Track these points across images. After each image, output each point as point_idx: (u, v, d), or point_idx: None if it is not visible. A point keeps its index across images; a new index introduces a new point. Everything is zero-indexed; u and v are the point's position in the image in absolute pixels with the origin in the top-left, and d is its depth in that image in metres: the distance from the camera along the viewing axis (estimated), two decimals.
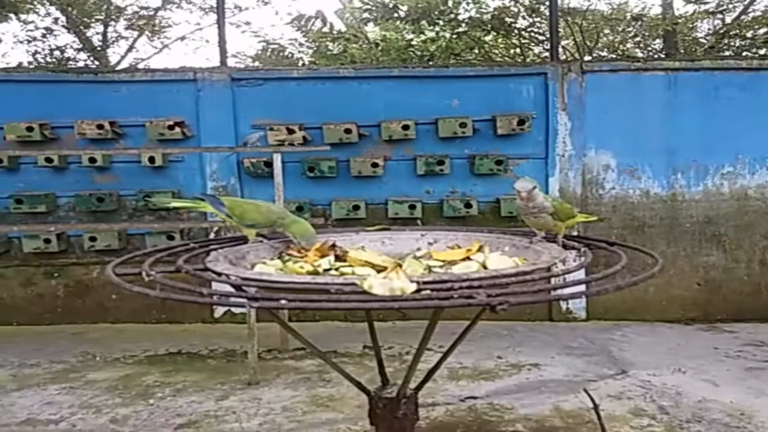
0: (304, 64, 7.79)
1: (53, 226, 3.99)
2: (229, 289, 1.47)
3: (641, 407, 2.92)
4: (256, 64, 7.81)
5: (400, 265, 1.73)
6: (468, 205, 4.49)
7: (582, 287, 1.47)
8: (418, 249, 2.10)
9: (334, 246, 1.91)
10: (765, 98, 4.58)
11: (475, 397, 3.04)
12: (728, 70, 4.59)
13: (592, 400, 2.67)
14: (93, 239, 4.34)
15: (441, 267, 1.85)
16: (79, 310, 4.53)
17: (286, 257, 1.88)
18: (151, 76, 4.50)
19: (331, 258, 1.86)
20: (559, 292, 1.41)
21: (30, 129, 4.22)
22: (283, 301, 1.30)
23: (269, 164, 4.15)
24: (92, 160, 4.27)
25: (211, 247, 1.97)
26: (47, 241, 4.31)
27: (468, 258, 1.94)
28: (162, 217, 4.51)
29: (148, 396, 3.09)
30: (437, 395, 3.05)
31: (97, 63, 7.60)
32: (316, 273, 1.67)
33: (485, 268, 1.68)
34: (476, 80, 4.56)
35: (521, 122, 4.44)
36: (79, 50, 7.70)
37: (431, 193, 4.60)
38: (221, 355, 3.82)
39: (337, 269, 1.76)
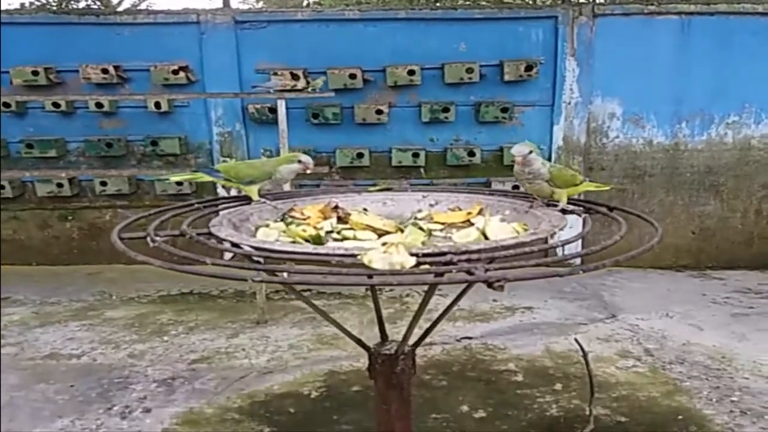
0: (308, 5, 7.63)
1: (64, 172, 4.07)
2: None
3: (628, 349, 3.09)
4: (260, 4, 7.67)
5: (402, 230, 1.79)
6: (471, 154, 4.53)
7: (578, 260, 1.46)
8: (419, 211, 2.14)
9: (336, 207, 1.96)
10: None
11: (470, 338, 3.21)
12: (744, 14, 4.46)
13: (581, 347, 2.82)
14: (104, 184, 4.46)
15: (441, 230, 1.91)
16: (94, 252, 4.71)
17: (289, 219, 1.92)
18: (153, 18, 4.44)
19: (333, 220, 1.91)
20: (556, 268, 1.39)
21: (35, 73, 4.25)
22: (285, 274, 1.33)
23: (274, 110, 4.19)
24: (99, 105, 4.32)
25: (218, 207, 2.01)
26: (60, 185, 4.44)
27: (468, 221, 1.99)
28: (170, 162, 4.60)
29: (162, 333, 3.28)
30: (434, 335, 3.21)
31: (99, 3, 7.48)
32: (318, 237, 1.71)
33: (485, 236, 1.70)
34: (484, 23, 4.46)
35: (529, 68, 4.40)
36: None
37: (435, 141, 4.63)
38: (231, 295, 4.00)
39: (339, 232, 1.80)
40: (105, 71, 4.27)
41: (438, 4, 7.09)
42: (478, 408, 2.52)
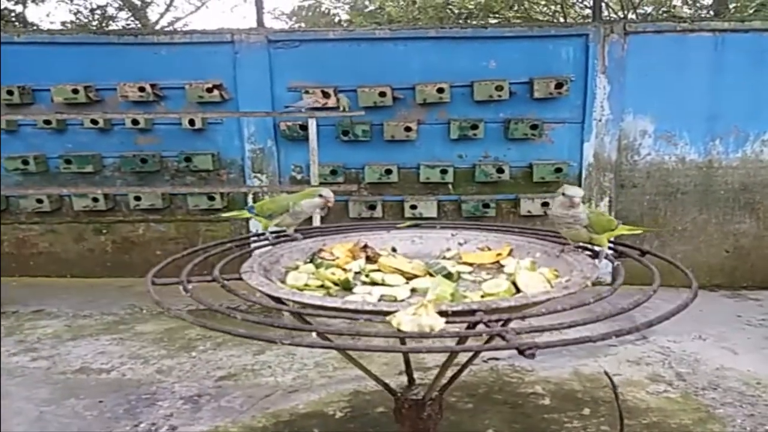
0: (340, 21, 7.74)
1: (99, 189, 4.21)
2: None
3: (659, 373, 3.01)
4: (293, 20, 7.81)
5: (431, 274, 1.82)
6: (500, 171, 4.51)
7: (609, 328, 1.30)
8: (448, 249, 2.18)
9: (365, 247, 2.01)
10: None
11: (497, 359, 3.17)
12: None
13: (611, 380, 2.76)
14: (138, 198, 4.59)
15: (470, 273, 1.93)
16: (126, 265, 4.83)
17: (318, 260, 1.96)
18: (189, 38, 4.56)
19: (362, 261, 1.95)
20: (589, 334, 1.31)
21: (75, 91, 4.41)
22: (314, 335, 1.42)
23: (305, 128, 4.25)
24: (135, 122, 4.45)
25: (251, 245, 2.06)
26: (95, 199, 4.59)
27: (498, 263, 2.02)
28: (203, 178, 4.70)
29: (190, 348, 3.33)
30: (461, 356, 3.19)
31: (137, 22, 7.73)
32: (346, 282, 1.74)
33: (515, 285, 1.70)
34: (514, 41, 4.46)
35: (559, 85, 4.38)
36: (119, 9, 7.85)
37: (464, 157, 4.63)
38: (258, 311, 4.04)
39: (367, 275, 1.85)
40: (142, 89, 4.41)
41: (468, 22, 7.12)
42: None
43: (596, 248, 1.91)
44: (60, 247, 4.85)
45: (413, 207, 4.54)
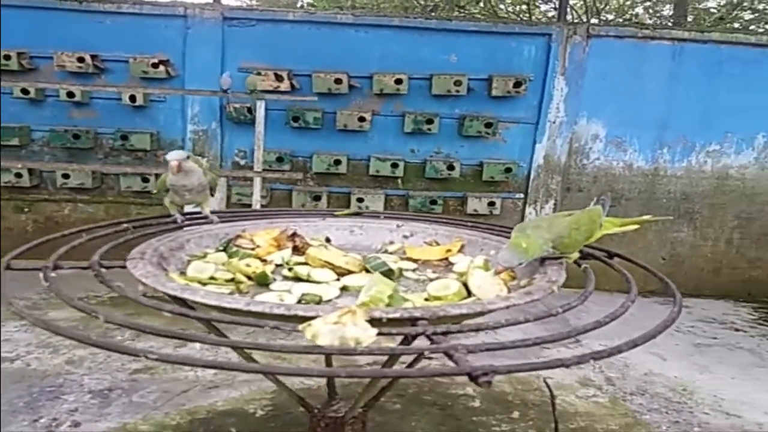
0: (302, 6, 7.55)
1: (21, 163, 3.91)
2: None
3: (589, 377, 3.02)
4: (253, 2, 7.58)
5: (368, 270, 1.55)
6: (451, 167, 4.46)
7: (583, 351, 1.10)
8: (391, 242, 1.94)
9: (294, 236, 1.74)
10: (767, 76, 4.46)
11: (429, 358, 3.12)
12: (736, 44, 4.43)
13: (551, 391, 2.76)
14: (66, 176, 4.32)
15: (414, 270, 1.71)
16: (48, 247, 4.52)
17: (233, 248, 1.69)
18: (139, 9, 4.29)
19: (287, 252, 1.68)
20: (552, 356, 1.12)
21: (7, 57, 4.11)
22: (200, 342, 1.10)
23: (251, 110, 4.10)
24: (70, 94, 4.19)
25: (152, 229, 1.73)
26: (18, 175, 4.28)
27: (446, 260, 1.79)
28: (139, 158, 4.47)
29: (106, 338, 3.14)
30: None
31: None
32: (263, 276, 1.48)
33: (466, 288, 1.47)
34: (477, 36, 4.40)
35: (518, 84, 4.35)
36: None
37: (416, 152, 4.56)
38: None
39: (291, 268, 1.58)
40: (81, 60, 4.16)
41: (433, 14, 7.04)
42: None
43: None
44: None
45: (360, 200, 4.44)
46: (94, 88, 4.20)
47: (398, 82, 4.31)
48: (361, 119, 4.37)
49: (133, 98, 4.23)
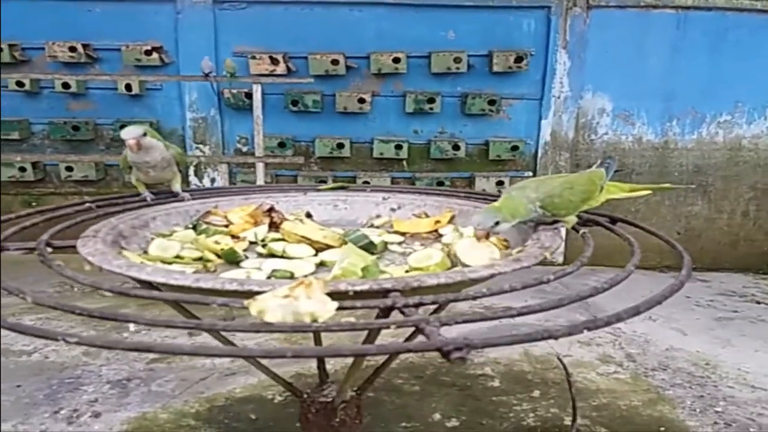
0: None
1: (19, 156, 3.83)
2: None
3: (609, 354, 2.97)
4: None
5: (345, 243, 1.42)
6: (456, 147, 4.38)
7: (574, 323, 0.88)
8: (377, 216, 1.84)
9: (271, 210, 1.63)
10: None
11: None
12: (741, 10, 4.31)
13: (565, 369, 2.70)
14: (69, 169, 4.24)
15: (400, 244, 1.60)
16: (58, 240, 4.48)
17: (203, 225, 1.57)
18: None
19: (263, 228, 1.57)
20: (539, 329, 0.86)
21: None
22: (131, 326, 1.02)
23: (251, 95, 4.00)
24: (66, 85, 4.09)
25: (118, 208, 1.62)
26: (22, 169, 4.21)
27: (436, 231, 1.69)
28: None
29: (122, 329, 3.10)
30: (409, 334, 3.08)
31: None
32: (232, 252, 1.35)
33: (452, 258, 1.35)
34: (474, 11, 4.27)
35: (519, 59, 4.24)
36: None
37: (419, 132, 4.47)
38: (197, 289, 3.82)
39: (264, 245, 1.47)
40: (73, 49, 4.05)
41: None
42: (452, 416, 2.38)
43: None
44: None
45: (366, 183, 4.37)
46: (87, 78, 4.10)
47: (396, 60, 4.21)
48: (361, 101, 4.27)
49: (128, 87, 4.13)
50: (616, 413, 2.42)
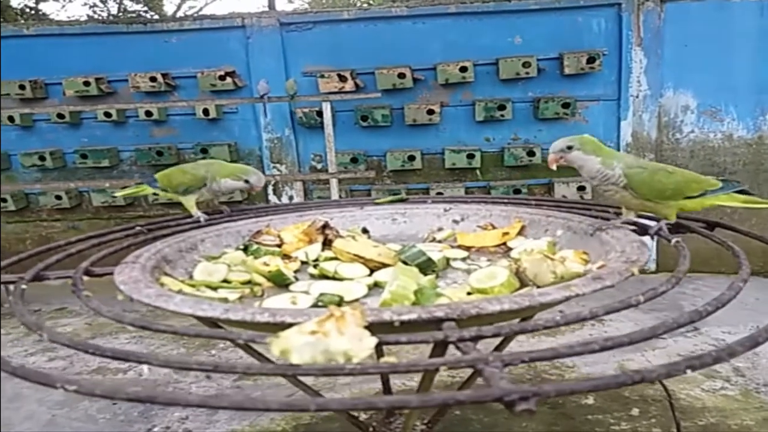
0: (356, 4, 7.50)
1: (108, 182, 4.05)
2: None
3: (714, 368, 2.75)
4: (306, 4, 7.60)
5: (405, 263, 1.29)
6: (531, 153, 4.25)
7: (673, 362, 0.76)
8: (440, 229, 1.71)
9: (325, 227, 1.55)
10: None
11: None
12: None
13: (664, 387, 2.54)
14: (156, 193, 4.43)
15: (464, 260, 1.46)
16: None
17: (254, 246, 1.51)
18: (200, 24, 4.37)
19: (316, 246, 1.49)
20: (628, 371, 0.75)
21: (87, 83, 4.28)
22: (145, 368, 0.94)
23: (322, 114, 4.06)
24: (148, 113, 4.31)
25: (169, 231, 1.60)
26: (113, 195, 4.46)
27: (504, 245, 1.54)
28: None
29: (210, 347, 3.19)
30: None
31: (152, 13, 7.62)
32: (279, 275, 1.27)
33: (521, 276, 1.20)
34: (540, 14, 4.18)
35: (591, 60, 4.09)
36: (135, 1, 7.75)
37: (491, 140, 4.39)
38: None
39: (316, 265, 1.39)
40: (153, 79, 4.26)
41: None
42: None
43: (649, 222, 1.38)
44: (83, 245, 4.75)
45: (439, 194, 4.31)
46: (167, 105, 4.30)
47: (463, 70, 4.15)
48: (430, 112, 4.24)
49: (206, 112, 4.30)
50: None
